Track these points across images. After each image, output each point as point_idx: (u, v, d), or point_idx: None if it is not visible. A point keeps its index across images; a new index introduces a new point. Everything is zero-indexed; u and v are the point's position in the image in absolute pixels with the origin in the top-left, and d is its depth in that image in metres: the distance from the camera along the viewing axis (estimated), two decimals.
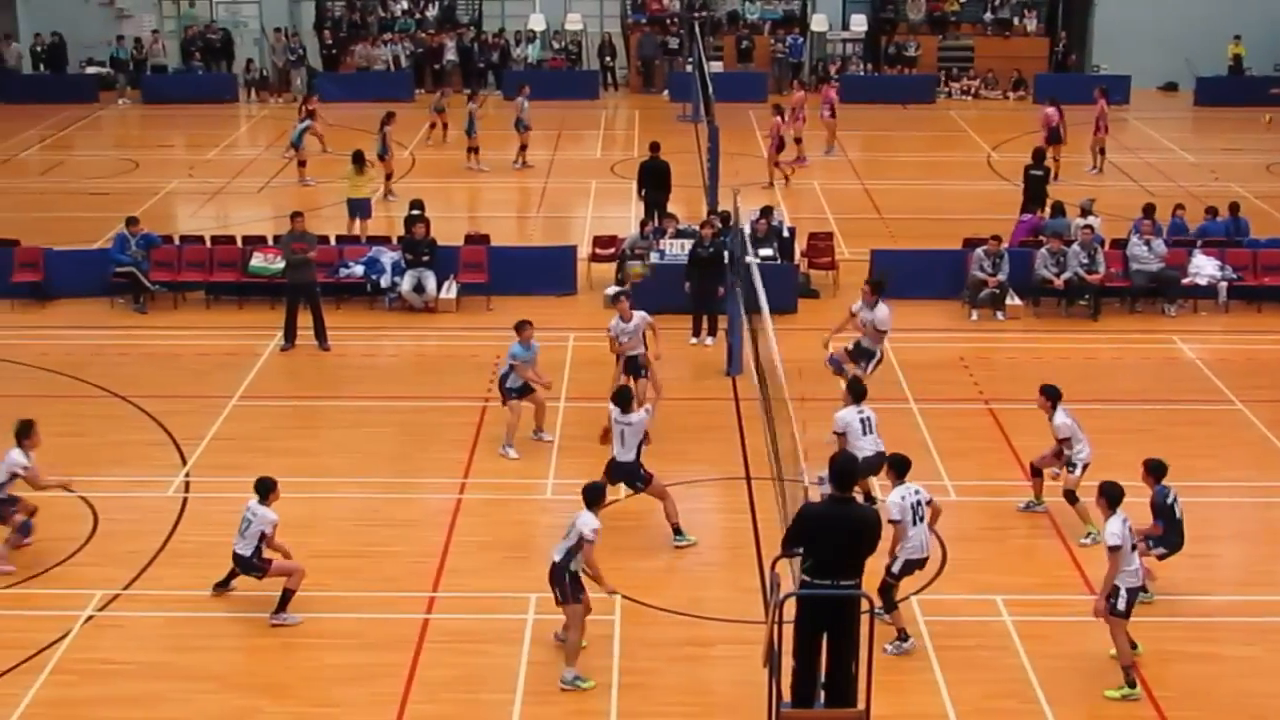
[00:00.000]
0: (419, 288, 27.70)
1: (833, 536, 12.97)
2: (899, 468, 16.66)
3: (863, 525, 13.17)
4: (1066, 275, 27.60)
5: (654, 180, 32.18)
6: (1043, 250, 27.92)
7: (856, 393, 19.33)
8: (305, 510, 19.78)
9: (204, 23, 52.80)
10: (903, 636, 16.47)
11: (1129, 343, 26.63)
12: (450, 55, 50.73)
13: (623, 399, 18.87)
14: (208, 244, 29.06)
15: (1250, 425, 22.82)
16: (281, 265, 26.83)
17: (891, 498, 16.39)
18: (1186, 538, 17.81)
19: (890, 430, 22.04)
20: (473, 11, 54.01)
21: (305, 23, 53.34)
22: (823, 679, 13.37)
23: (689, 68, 46.18)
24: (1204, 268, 28.47)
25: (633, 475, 18.86)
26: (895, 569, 16.38)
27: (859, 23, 52.78)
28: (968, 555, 18.71)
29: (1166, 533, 17.50)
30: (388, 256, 28.26)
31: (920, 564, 16.62)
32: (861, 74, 51.71)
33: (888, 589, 16.36)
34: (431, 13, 53.13)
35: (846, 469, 13.25)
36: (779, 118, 37.01)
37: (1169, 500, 17.50)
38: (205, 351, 25.78)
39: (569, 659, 15.86)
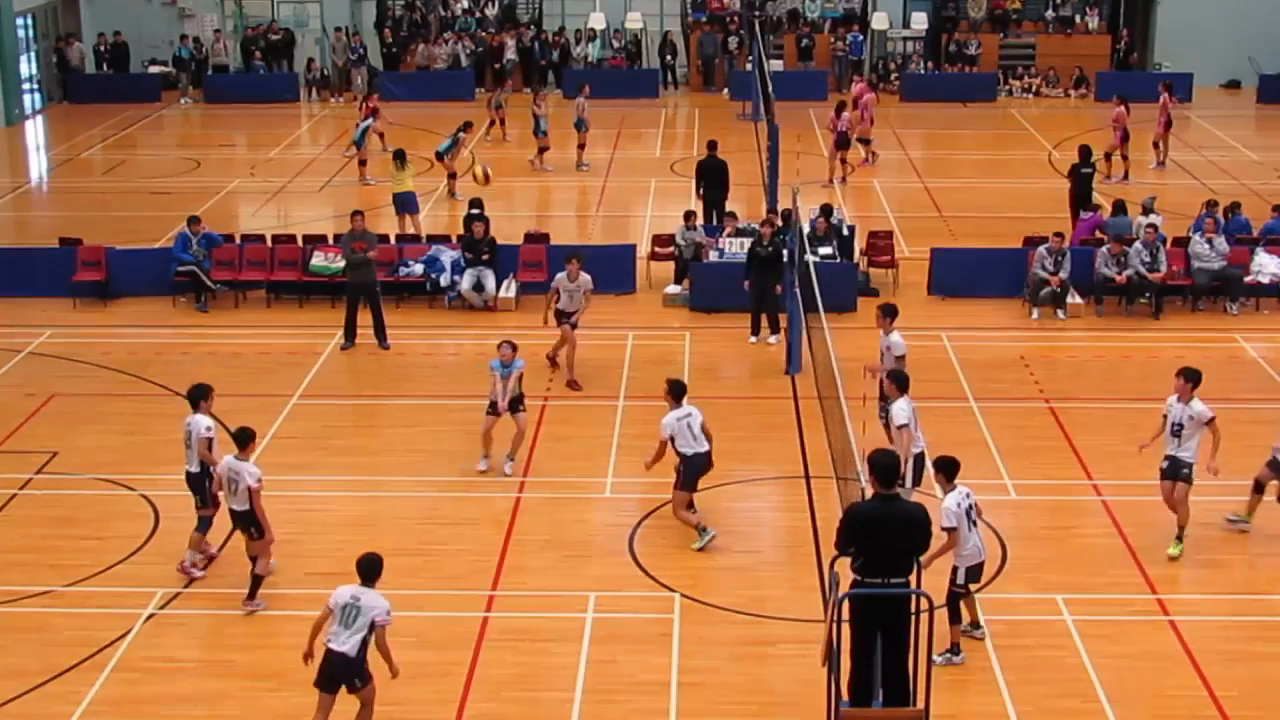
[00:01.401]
0: (479, 286, 27.78)
1: (881, 534, 12.95)
2: (948, 470, 16.21)
3: (911, 521, 13.14)
4: (1128, 273, 27.44)
5: (712, 179, 32.15)
6: (1104, 249, 27.77)
7: (902, 382, 19.03)
8: (366, 509, 19.93)
9: (266, 22, 53.06)
10: (955, 650, 16.20)
11: (1191, 341, 26.43)
12: (511, 54, 50.80)
13: (676, 391, 18.90)
14: (269, 243, 29.21)
15: None
16: (342, 264, 26.97)
17: (946, 504, 16.04)
18: (1256, 534, 17.57)
19: (951, 429, 22.10)
20: (533, 10, 54.09)
21: (366, 22, 53.55)
22: (880, 678, 13.35)
23: (749, 66, 46.10)
24: (1267, 266, 28.25)
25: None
26: (960, 579, 16.15)
27: (920, 21, 52.54)
28: (1028, 554, 18.63)
29: None
30: (447, 255, 28.35)
31: (981, 568, 16.40)
32: (923, 72, 51.53)
33: (954, 599, 16.18)
34: (492, 11, 53.22)
35: (887, 465, 13.20)
36: (840, 114, 36.89)
37: None
38: (266, 350, 25.93)
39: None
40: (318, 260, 28.44)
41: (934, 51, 52.46)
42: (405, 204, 31.93)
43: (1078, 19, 52.73)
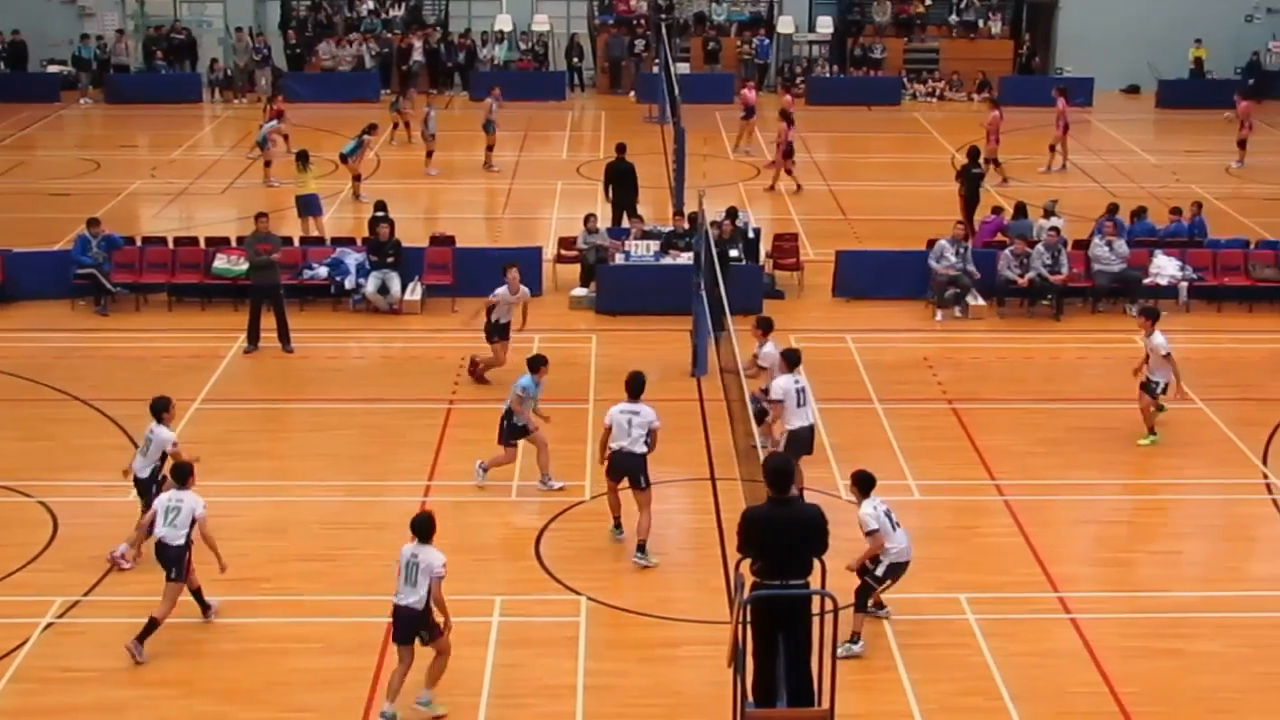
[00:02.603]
0: (384, 289, 27.66)
1: (777, 537, 12.99)
2: (864, 485, 16.38)
3: (807, 524, 13.17)
4: (1030, 275, 27.72)
5: (620, 181, 32.19)
6: (1006, 251, 28.04)
7: (792, 360, 19.64)
8: (271, 514, 19.77)
9: (168, 22, 52.57)
10: (854, 639, 16.33)
11: (1092, 342, 26.75)
12: (417, 56, 50.63)
13: (634, 387, 18.84)
14: (171, 245, 28.95)
15: (1211, 424, 22.94)
16: (245, 267, 26.75)
17: (863, 510, 16.21)
18: (1155, 533, 17.91)
19: (855, 430, 22.27)
20: (439, 12, 53.93)
21: (270, 22, 53.18)
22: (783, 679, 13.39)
23: (656, 69, 46.21)
24: (1165, 268, 28.66)
25: (640, 469, 18.60)
26: (879, 572, 16.35)
27: (825, 25, 52.92)
28: (932, 554, 18.71)
29: None
30: (352, 258, 28.21)
31: (905, 567, 16.57)
32: (828, 76, 51.79)
33: (866, 590, 16.38)
34: (398, 13, 53.03)
35: (782, 470, 13.23)
36: (785, 124, 36.98)
37: None
38: (168, 354, 25.67)
39: (434, 681, 15.33)
40: (221, 263, 28.20)
41: (839, 55, 52.79)
42: (308, 206, 31.72)
43: (981, 24, 53.25)
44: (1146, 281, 28.40)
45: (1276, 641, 16.90)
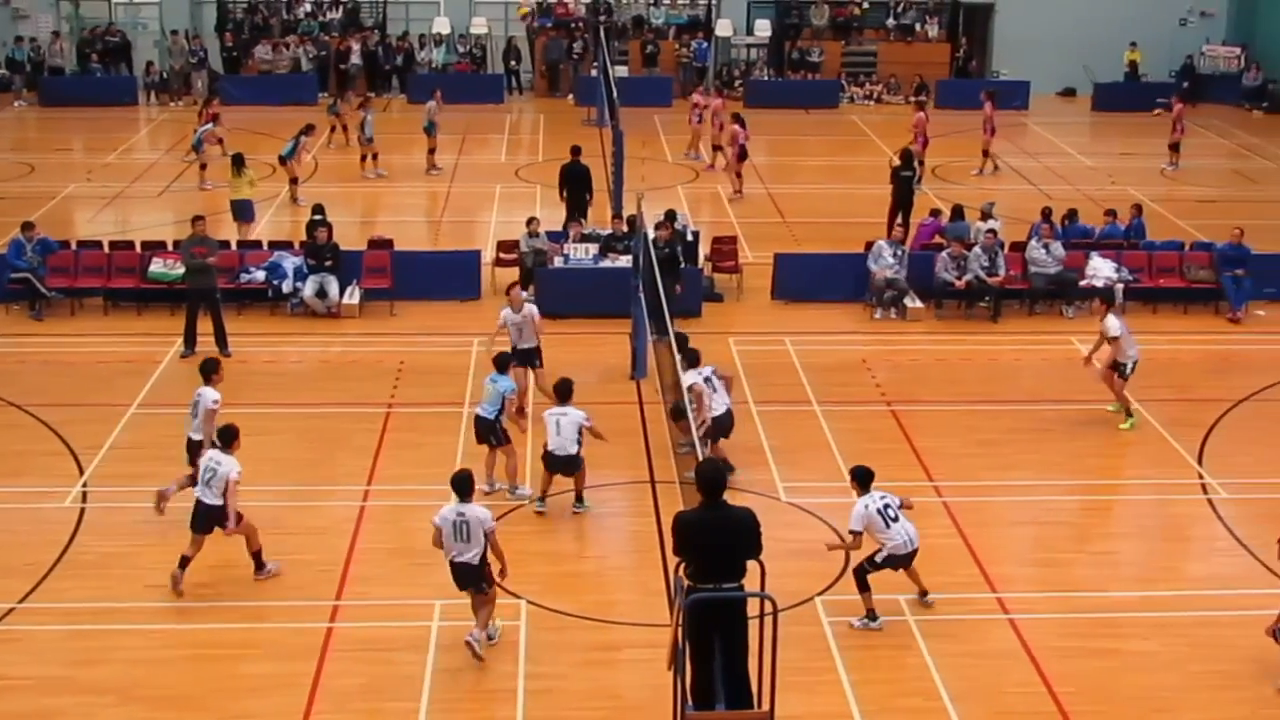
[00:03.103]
0: (322, 293, 27.54)
1: (709, 541, 13.02)
2: (860, 480, 17.14)
3: (738, 528, 13.19)
4: (967, 278, 27.87)
5: (575, 183, 32.19)
6: (944, 254, 28.19)
7: (692, 358, 20.51)
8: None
9: (103, 24, 52.20)
10: (871, 615, 16.92)
11: (1029, 344, 26.91)
12: (355, 59, 50.44)
13: (564, 391, 19.63)
14: (106, 249, 28.73)
15: (1147, 424, 23.11)
16: (182, 271, 26.57)
17: (855, 508, 16.93)
18: (1092, 533, 18.03)
19: (794, 432, 22.35)
20: (377, 15, 53.76)
21: (206, 25, 52.85)
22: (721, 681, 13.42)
23: (594, 72, 46.21)
24: (1101, 270, 28.85)
25: (573, 466, 19.57)
26: (879, 559, 16.97)
27: (764, 28, 53.04)
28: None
29: None
30: (290, 261, 28.07)
31: (906, 558, 17.04)
32: (766, 79, 51.91)
33: (863, 571, 16.96)
34: (335, 15, 52.84)
35: (712, 478, 13.25)
36: (739, 126, 37.01)
37: None
38: (103, 359, 25.48)
39: (486, 623, 16.33)
40: (157, 267, 28.01)
41: (777, 58, 52.91)
42: (241, 211, 31.52)
43: (918, 27, 53.51)
44: (1083, 283, 28.59)
45: (1212, 640, 17.04)
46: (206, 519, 17.53)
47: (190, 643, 16.67)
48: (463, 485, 16.28)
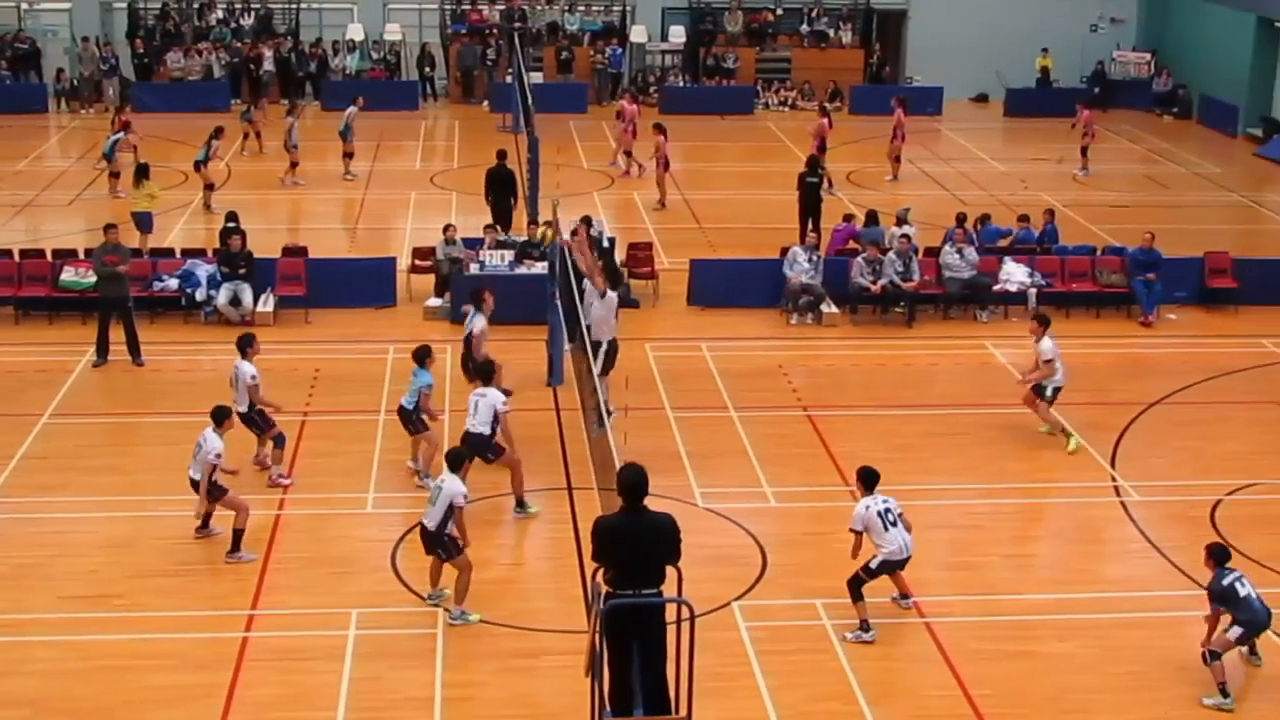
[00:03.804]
0: (235, 301, 27.36)
1: (629, 547, 13.00)
2: (865, 481, 17.26)
3: (658, 533, 13.16)
4: (882, 282, 28.03)
5: (501, 188, 32.10)
6: (859, 258, 28.34)
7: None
8: (122, 529, 19.46)
9: (12, 31, 51.57)
10: (864, 626, 16.96)
11: (943, 348, 27.09)
12: (268, 65, 50.09)
13: (484, 373, 19.99)
14: (16, 258, 28.38)
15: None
16: (94, 279, 26.33)
17: (857, 509, 17.08)
18: (1007, 537, 18.24)
19: (711, 438, 22.44)
20: (290, 21, 53.42)
21: (117, 31, 52.26)
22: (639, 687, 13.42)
23: (509, 78, 46.13)
24: (1014, 274, 29.09)
25: (484, 447, 19.59)
26: (873, 565, 17.03)
27: (678, 34, 53.10)
28: (788, 560, 18.91)
29: (1236, 614, 16.11)
30: (203, 269, 27.87)
31: (900, 565, 17.16)
32: (681, 85, 51.99)
33: (857, 581, 16.99)
34: (248, 22, 52.46)
35: (633, 482, 13.23)
36: (662, 137, 37.00)
37: (1227, 582, 16.10)
38: (14, 369, 25.19)
39: (460, 599, 17.12)
40: (68, 275, 27.74)
41: (692, 65, 52.99)
42: (141, 223, 31.12)
43: (832, 34, 53.72)
44: (996, 288, 28.83)
45: (1126, 642, 17.22)
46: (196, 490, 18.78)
47: (105, 654, 16.49)
48: (455, 459, 17.39)
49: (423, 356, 20.89)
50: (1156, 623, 17.64)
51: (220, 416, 18.93)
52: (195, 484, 18.65)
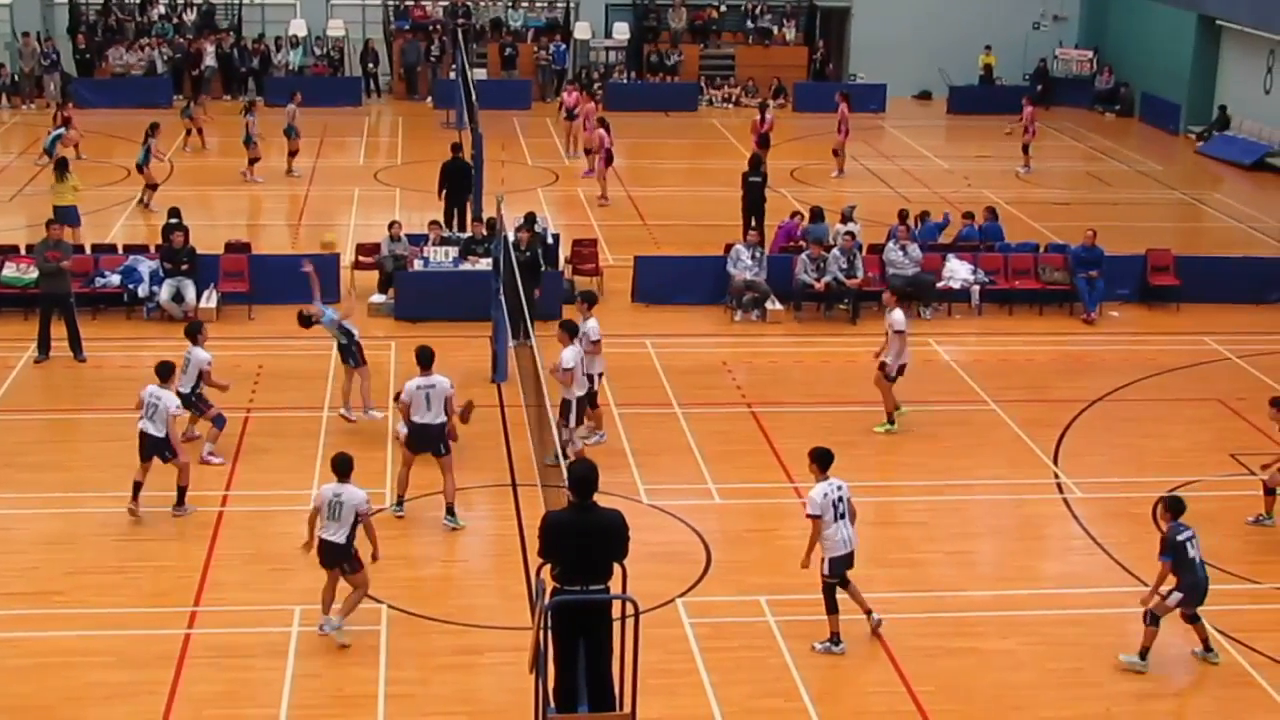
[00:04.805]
0: (178, 297, 27.22)
1: (577, 542, 13.00)
2: (822, 461, 16.92)
3: (607, 529, 13.16)
4: (826, 279, 28.12)
5: (455, 181, 32.03)
6: (803, 255, 28.42)
7: (571, 330, 20.88)
8: (62, 526, 19.37)
9: None
10: (835, 640, 16.76)
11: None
12: (210, 61, 49.81)
13: (424, 359, 19.77)
14: None
15: (1003, 424, 23.46)
16: (35, 275, 26.16)
17: (813, 493, 16.73)
18: (949, 534, 18.25)
19: (655, 434, 22.45)
20: (232, 16, 53.13)
21: (59, 26, 51.86)
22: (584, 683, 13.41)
23: (453, 75, 46.01)
24: (958, 272, 29.23)
25: (437, 439, 19.53)
26: (826, 571, 16.72)
27: (622, 31, 53.11)
28: (732, 557, 18.95)
29: (1180, 575, 16.43)
30: (145, 265, 27.72)
31: (847, 560, 16.83)
32: (625, 81, 51.98)
33: (830, 590, 16.77)
34: (190, 17, 52.14)
35: (584, 477, 13.22)
36: (604, 131, 36.98)
37: (1181, 538, 16.50)
38: None
39: (345, 613, 16.68)
40: (9, 271, 27.56)
41: (636, 61, 53.01)
42: (65, 217, 30.71)
43: (776, 30, 53.83)
44: (940, 285, 28.96)
45: (1067, 638, 17.34)
46: (151, 449, 19.34)
47: (44, 651, 16.38)
48: (343, 466, 16.71)
49: (307, 318, 22.56)
50: (1097, 619, 17.76)
51: (166, 370, 19.75)
52: (154, 440, 19.31)
